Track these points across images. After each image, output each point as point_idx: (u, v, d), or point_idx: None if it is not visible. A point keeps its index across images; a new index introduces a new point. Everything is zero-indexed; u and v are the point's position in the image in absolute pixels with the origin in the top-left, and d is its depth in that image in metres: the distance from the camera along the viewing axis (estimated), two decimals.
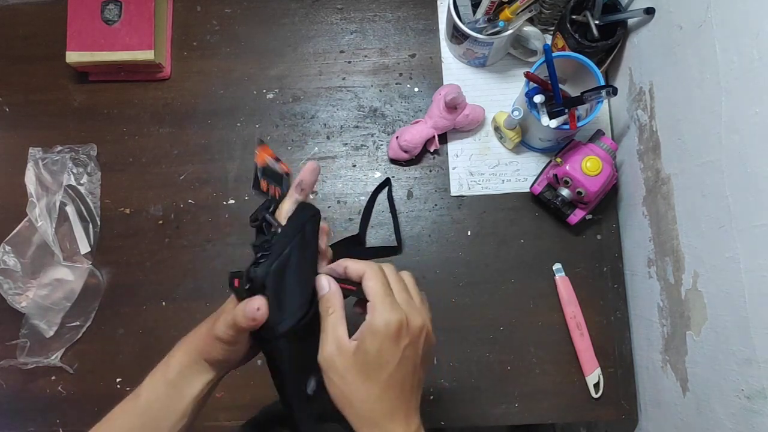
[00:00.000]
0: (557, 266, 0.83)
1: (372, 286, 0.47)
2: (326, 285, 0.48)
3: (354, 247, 0.68)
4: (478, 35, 0.78)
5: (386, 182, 0.83)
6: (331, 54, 0.90)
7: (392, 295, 0.47)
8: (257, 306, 0.43)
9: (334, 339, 0.46)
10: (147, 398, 0.50)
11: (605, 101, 0.82)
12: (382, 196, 0.84)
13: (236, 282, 0.46)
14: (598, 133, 0.79)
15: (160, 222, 0.86)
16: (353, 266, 0.48)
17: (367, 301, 0.47)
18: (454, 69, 0.89)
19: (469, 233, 0.85)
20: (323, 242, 0.52)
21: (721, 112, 0.57)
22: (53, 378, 0.83)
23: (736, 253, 0.55)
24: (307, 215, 0.50)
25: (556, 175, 0.78)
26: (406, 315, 0.46)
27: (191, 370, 0.50)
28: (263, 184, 0.54)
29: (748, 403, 0.55)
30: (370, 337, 0.45)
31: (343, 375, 0.45)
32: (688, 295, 0.65)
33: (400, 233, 0.84)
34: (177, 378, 0.50)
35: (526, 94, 0.73)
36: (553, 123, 0.73)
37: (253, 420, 0.71)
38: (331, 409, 0.47)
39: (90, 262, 0.85)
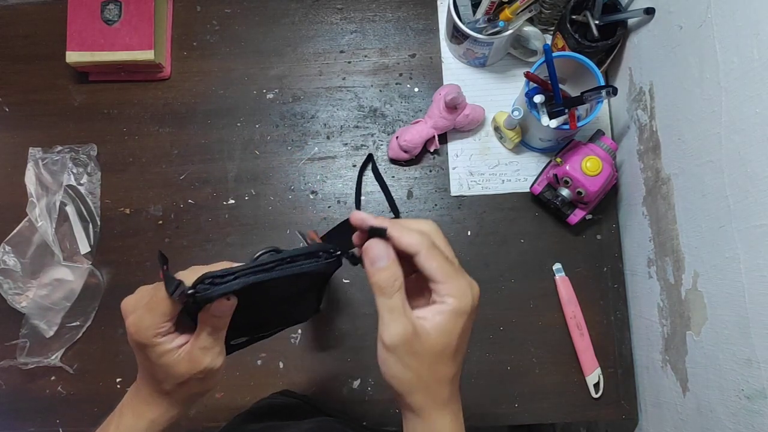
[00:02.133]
0: (557, 266, 0.83)
1: (437, 268, 0.41)
2: (385, 255, 0.41)
3: (350, 230, 0.69)
4: (478, 35, 0.78)
5: (368, 158, 0.85)
6: (331, 54, 0.90)
7: (458, 270, 0.42)
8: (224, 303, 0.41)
9: (409, 319, 0.40)
10: None
11: (605, 101, 0.82)
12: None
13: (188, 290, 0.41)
14: (598, 133, 0.79)
15: (160, 222, 0.86)
16: (406, 239, 0.41)
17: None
18: (454, 69, 0.89)
19: (469, 233, 0.85)
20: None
21: (721, 112, 0.57)
22: (53, 378, 0.83)
23: (736, 253, 0.55)
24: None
25: (556, 175, 0.78)
26: (476, 288, 0.42)
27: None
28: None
29: (748, 403, 0.55)
30: (454, 318, 0.40)
31: (422, 359, 0.40)
32: (688, 295, 0.65)
33: (394, 201, 0.85)
34: None
35: (526, 94, 0.73)
36: (553, 123, 0.73)
37: (247, 411, 0.71)
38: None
39: (90, 262, 0.85)
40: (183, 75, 0.90)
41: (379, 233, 0.42)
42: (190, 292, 0.40)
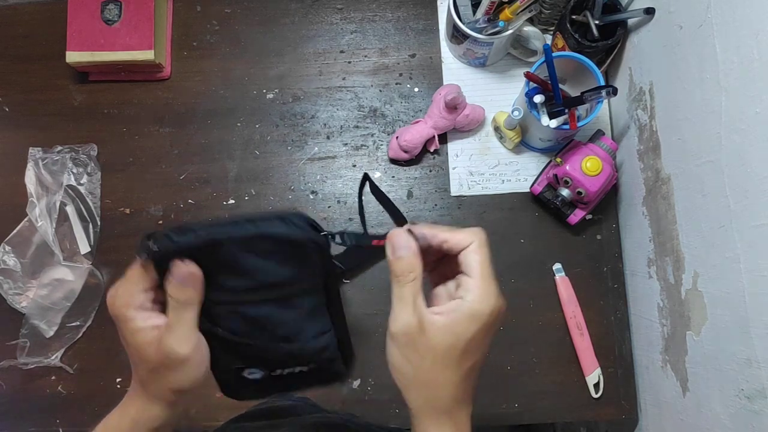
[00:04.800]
0: (557, 266, 0.83)
1: (479, 263, 0.41)
2: (406, 246, 0.41)
3: (362, 249, 0.67)
4: (478, 35, 0.78)
5: (365, 178, 0.80)
6: (331, 54, 0.90)
7: (494, 278, 0.41)
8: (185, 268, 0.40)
9: (416, 311, 0.40)
10: None
11: (605, 101, 0.82)
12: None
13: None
14: (598, 133, 0.79)
15: (160, 222, 0.86)
16: (460, 234, 0.42)
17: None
18: (454, 69, 0.89)
19: None
20: None
21: (721, 112, 0.57)
22: (53, 378, 0.83)
23: (736, 253, 0.55)
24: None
25: (556, 175, 0.78)
26: (503, 301, 0.41)
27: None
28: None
29: (748, 403, 0.55)
30: (467, 320, 0.40)
31: (423, 355, 0.40)
32: (688, 295, 0.65)
33: (401, 215, 0.83)
34: None
35: (526, 94, 0.73)
36: (553, 123, 0.73)
37: (247, 413, 0.71)
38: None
39: (90, 262, 0.85)
40: (183, 75, 0.90)
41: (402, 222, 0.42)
42: (154, 249, 0.40)
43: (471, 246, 0.41)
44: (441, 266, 0.45)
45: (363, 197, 0.83)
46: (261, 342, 0.43)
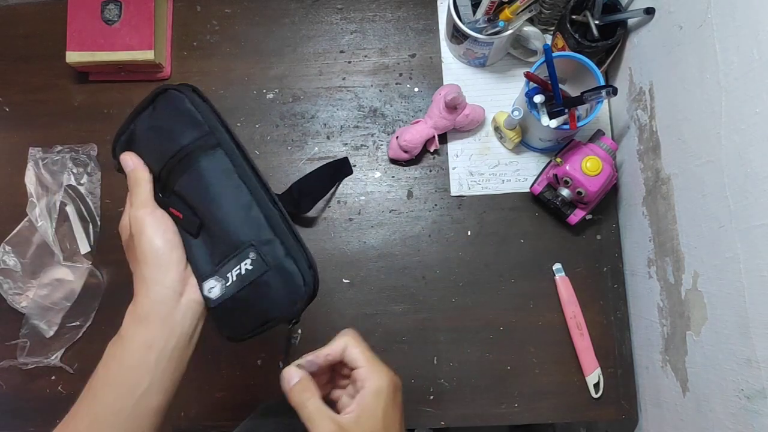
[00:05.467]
0: (557, 266, 0.83)
1: (361, 353, 0.49)
2: (296, 375, 0.48)
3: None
4: (478, 35, 0.78)
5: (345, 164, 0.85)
6: (331, 54, 0.90)
7: (378, 360, 0.49)
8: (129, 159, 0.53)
9: (330, 419, 0.46)
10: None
11: (605, 101, 0.82)
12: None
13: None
14: (598, 133, 0.79)
15: None
16: (333, 345, 0.50)
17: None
18: (454, 69, 0.89)
19: (469, 233, 0.85)
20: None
21: (721, 112, 0.57)
22: (53, 378, 0.84)
23: (736, 253, 0.55)
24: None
25: (556, 175, 0.78)
26: (392, 372, 0.49)
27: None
28: None
29: (748, 403, 0.55)
30: (374, 400, 0.46)
31: None
32: (688, 295, 0.65)
33: (337, 161, 0.85)
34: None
35: (526, 94, 0.73)
36: (553, 123, 0.73)
37: (258, 412, 0.71)
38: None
39: (90, 262, 0.85)
40: (183, 75, 0.90)
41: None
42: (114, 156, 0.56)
43: (348, 345, 0.49)
44: (335, 378, 0.54)
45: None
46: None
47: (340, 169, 0.84)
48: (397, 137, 0.84)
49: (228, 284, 0.50)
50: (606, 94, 0.70)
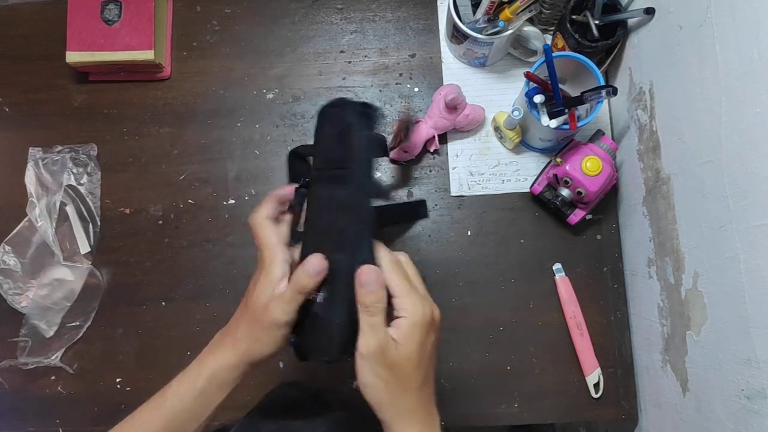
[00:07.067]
0: (557, 266, 0.83)
1: (395, 283, 0.48)
2: (375, 281, 0.47)
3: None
4: (478, 35, 0.78)
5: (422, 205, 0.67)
6: (331, 54, 0.90)
7: (415, 289, 0.49)
8: (317, 262, 0.48)
9: (385, 335, 0.46)
10: (173, 406, 0.50)
11: (605, 101, 0.82)
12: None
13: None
14: (598, 133, 0.79)
15: (160, 222, 0.86)
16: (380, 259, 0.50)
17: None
18: (454, 69, 0.89)
19: (469, 233, 0.85)
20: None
21: (721, 112, 0.57)
22: (53, 378, 0.84)
23: (736, 253, 0.55)
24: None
25: (556, 175, 0.78)
26: (431, 306, 0.49)
27: (227, 375, 0.50)
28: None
29: (748, 403, 0.55)
30: (410, 331, 0.46)
31: (390, 367, 0.46)
32: (688, 295, 0.65)
33: (416, 202, 0.75)
34: (206, 385, 0.50)
35: (526, 94, 0.73)
36: (553, 123, 0.73)
37: (257, 408, 0.71)
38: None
39: (90, 262, 0.85)
40: (183, 75, 0.90)
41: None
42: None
43: (383, 269, 0.49)
44: None
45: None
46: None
47: (416, 210, 0.69)
48: None
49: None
50: (606, 94, 0.70)
